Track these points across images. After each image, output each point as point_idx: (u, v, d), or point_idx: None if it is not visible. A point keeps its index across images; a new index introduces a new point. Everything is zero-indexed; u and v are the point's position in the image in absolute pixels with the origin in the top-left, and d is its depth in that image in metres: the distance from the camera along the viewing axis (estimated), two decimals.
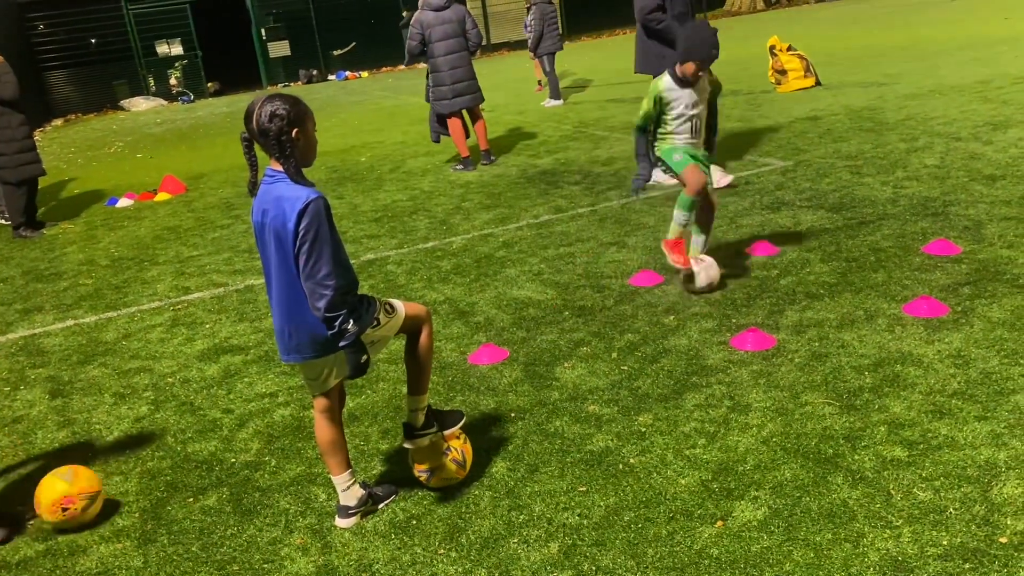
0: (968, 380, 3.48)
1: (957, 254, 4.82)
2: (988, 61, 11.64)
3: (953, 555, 2.52)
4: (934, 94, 9.75)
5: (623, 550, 2.75)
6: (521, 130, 11.42)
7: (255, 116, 2.75)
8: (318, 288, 2.73)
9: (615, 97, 13.53)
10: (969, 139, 7.40)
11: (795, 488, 2.93)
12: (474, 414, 3.77)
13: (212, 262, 6.84)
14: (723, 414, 3.48)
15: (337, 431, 3.07)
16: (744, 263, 5.16)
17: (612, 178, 7.85)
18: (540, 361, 4.22)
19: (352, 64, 26.46)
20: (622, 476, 3.15)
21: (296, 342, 2.89)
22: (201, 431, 3.98)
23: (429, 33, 8.73)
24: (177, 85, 24.29)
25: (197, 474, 3.60)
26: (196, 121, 18.47)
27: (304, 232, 2.71)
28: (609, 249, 5.80)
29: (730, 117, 10.12)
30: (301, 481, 3.43)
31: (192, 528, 3.20)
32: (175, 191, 9.98)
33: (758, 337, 4.05)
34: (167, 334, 5.32)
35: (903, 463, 2.99)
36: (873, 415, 3.32)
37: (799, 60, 11.58)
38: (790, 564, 2.58)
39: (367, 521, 3.09)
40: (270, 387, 4.36)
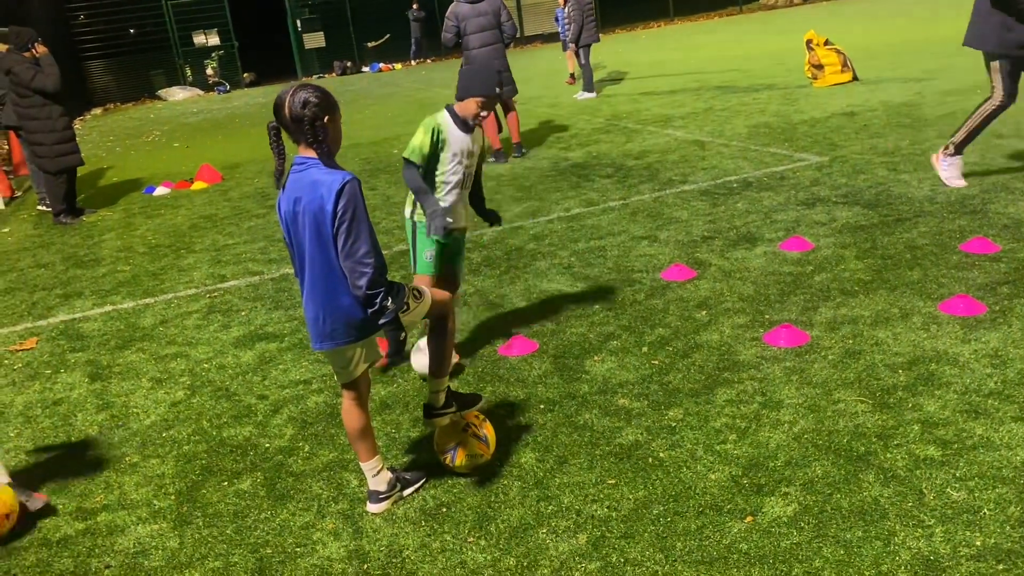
0: (1005, 380, 3.43)
1: (996, 252, 4.74)
2: None
3: (987, 556, 2.49)
4: (975, 90, 9.56)
5: (651, 543, 2.75)
6: (553, 123, 11.40)
7: (287, 104, 2.80)
8: (358, 266, 2.78)
9: (648, 90, 13.46)
10: (1011, 136, 7.26)
11: (826, 485, 2.92)
12: (503, 405, 3.79)
13: (248, 250, 6.92)
14: (754, 410, 3.47)
15: (365, 418, 3.12)
16: (778, 259, 5.12)
17: (644, 172, 7.83)
18: (570, 354, 4.23)
19: (386, 56, 26.57)
20: (651, 470, 3.15)
21: (331, 328, 2.93)
22: (236, 416, 4.05)
23: (464, 25, 8.74)
24: (214, 75, 24.57)
25: (232, 458, 3.66)
26: (232, 111, 18.68)
27: (343, 212, 2.76)
28: (640, 243, 5.79)
29: (765, 112, 10.03)
30: (333, 467, 3.48)
31: (226, 511, 3.26)
32: (211, 180, 10.12)
33: (791, 333, 4.03)
34: (203, 321, 5.41)
35: (936, 462, 2.96)
36: (907, 414, 3.29)
37: (836, 55, 11.43)
38: (820, 561, 2.57)
39: (398, 508, 3.13)
40: (304, 374, 4.41)
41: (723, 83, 13.01)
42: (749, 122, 9.50)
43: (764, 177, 7.04)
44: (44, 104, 8.42)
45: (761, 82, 12.53)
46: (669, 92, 12.89)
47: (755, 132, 8.91)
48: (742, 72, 13.92)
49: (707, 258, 5.31)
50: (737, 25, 25.85)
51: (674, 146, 8.79)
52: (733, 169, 7.45)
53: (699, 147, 8.57)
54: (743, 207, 6.28)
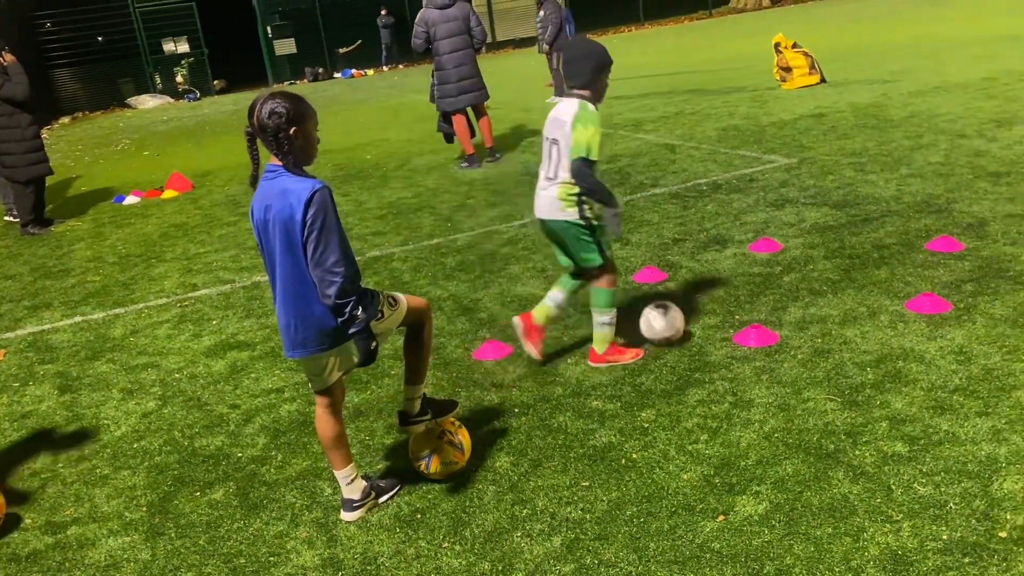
0: (970, 376, 3.49)
1: (960, 251, 4.83)
2: (993, 57, 11.62)
3: (953, 549, 2.54)
4: (939, 91, 9.74)
5: (625, 544, 2.77)
6: (526, 127, 11.43)
7: (256, 112, 2.80)
8: (327, 275, 2.77)
9: (619, 94, 13.52)
10: (974, 136, 7.40)
11: (796, 483, 2.95)
12: (478, 410, 3.80)
13: (219, 259, 6.88)
14: (725, 410, 3.50)
15: (339, 426, 3.11)
16: (748, 260, 5.17)
17: (616, 175, 7.87)
18: (544, 357, 4.24)
19: (357, 62, 26.50)
20: (625, 471, 3.18)
21: (302, 336, 2.92)
22: (208, 426, 4.02)
23: (434, 31, 8.75)
24: (183, 83, 24.37)
25: (204, 468, 3.63)
26: (202, 119, 18.54)
27: (312, 221, 2.75)
28: (612, 246, 5.80)
29: (735, 115, 10.13)
30: (307, 476, 3.47)
31: (199, 522, 3.24)
32: (182, 188, 10.04)
33: (761, 333, 4.07)
34: (174, 330, 5.36)
35: (904, 458, 3.01)
36: (875, 411, 3.33)
37: (804, 57, 11.57)
38: (791, 558, 2.60)
39: (372, 515, 3.12)
40: (276, 383, 4.39)
41: (693, 86, 13.12)
42: (719, 125, 9.59)
43: (734, 179, 7.11)
44: (13, 113, 8.31)
45: (730, 85, 12.65)
46: (640, 96, 12.97)
47: (725, 135, 9.00)
48: (712, 75, 14.05)
49: (678, 260, 5.35)
50: (707, 28, 26.07)
51: (645, 149, 8.85)
52: (703, 172, 7.52)
53: (670, 150, 8.64)
54: (713, 209, 6.34)
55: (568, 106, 3.83)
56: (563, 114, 3.84)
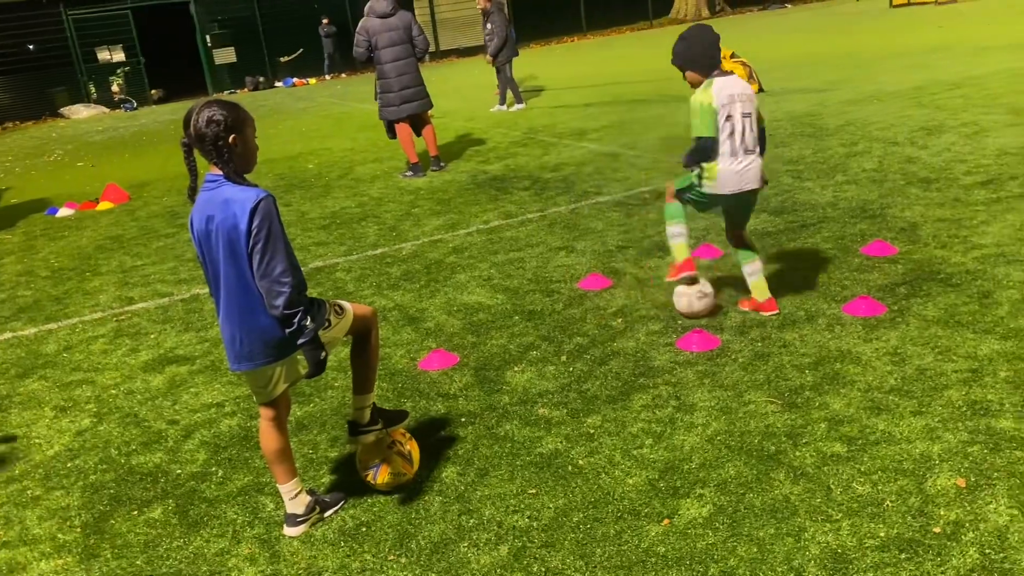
0: (904, 377, 3.58)
1: (894, 255, 4.96)
2: (923, 68, 12.01)
3: (890, 546, 2.60)
4: (872, 100, 10.02)
5: (572, 550, 2.77)
6: (470, 136, 11.44)
7: (193, 121, 2.74)
8: (275, 286, 2.72)
9: (564, 103, 13.64)
10: (905, 144, 7.63)
11: (739, 485, 2.99)
12: (424, 420, 3.77)
13: (157, 272, 6.72)
14: (669, 414, 3.54)
15: (283, 439, 3.05)
16: None
17: (561, 184, 7.92)
18: (490, 366, 4.24)
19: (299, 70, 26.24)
20: (571, 477, 3.18)
21: (248, 349, 2.87)
22: (146, 443, 3.91)
23: (375, 40, 8.71)
24: (119, 92, 23.83)
25: (142, 486, 3.54)
26: (139, 129, 18.14)
27: (257, 231, 2.70)
28: (558, 254, 5.85)
29: (676, 123, 10.28)
30: (249, 491, 3.39)
31: (136, 541, 3.15)
32: (118, 200, 9.79)
33: (703, 338, 4.13)
34: (110, 345, 5.22)
35: (842, 458, 3.07)
36: (814, 412, 3.40)
37: (742, 67, 11.75)
38: (734, 559, 2.63)
39: (316, 529, 3.07)
40: (217, 397, 4.30)
41: (635, 96, 13.29)
42: (660, 133, 9.72)
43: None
44: None
45: (671, 94, 12.83)
46: (583, 105, 13.09)
47: (666, 143, 9.12)
48: (653, 85, 14.24)
49: (622, 267, 5.40)
50: (648, 39, 26.45)
51: (589, 158, 8.93)
52: (646, 180, 7.61)
53: (613, 159, 8.73)
54: (656, 217, 6.40)
55: (738, 81, 4.12)
56: (745, 88, 4.11)
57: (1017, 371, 3.50)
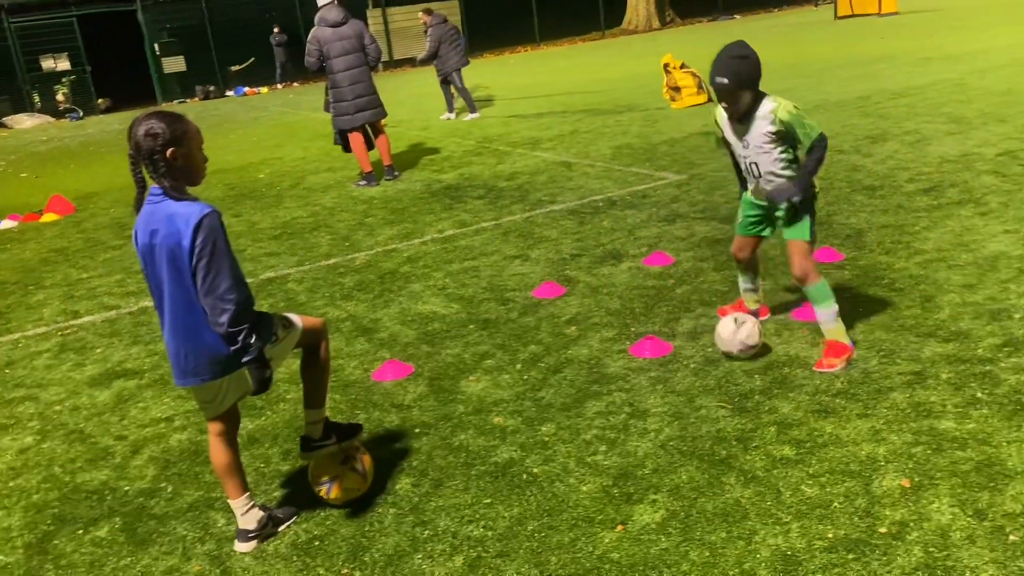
0: (850, 380, 3.66)
1: (840, 261, 5.07)
2: (867, 78, 12.31)
3: (838, 547, 2.65)
4: (819, 109, 10.24)
5: (527, 559, 2.78)
6: (424, 145, 11.43)
7: (133, 133, 2.70)
8: (219, 303, 2.68)
9: (517, 113, 13.69)
10: (850, 152, 7.80)
11: (691, 490, 3.02)
12: (378, 431, 3.75)
13: (103, 284, 6.58)
14: (623, 420, 3.56)
15: (233, 454, 3.01)
16: (642, 273, 5.30)
17: (515, 193, 7.94)
18: (445, 375, 4.23)
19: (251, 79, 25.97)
20: (526, 486, 3.18)
21: (193, 365, 2.82)
22: (92, 460, 3.82)
23: (327, 49, 8.66)
24: (65, 101, 23.32)
25: (87, 505, 3.45)
26: (86, 139, 17.77)
27: (201, 247, 2.66)
28: (513, 262, 5.86)
29: (628, 133, 10.39)
30: (199, 507, 3.34)
31: (82, 561, 3.07)
32: (63, 211, 9.58)
33: (655, 344, 4.17)
34: (55, 360, 5.09)
35: (791, 461, 3.12)
36: (763, 416, 3.45)
37: (692, 77, 11.98)
38: (687, 564, 2.66)
39: (268, 544, 3.03)
40: (166, 411, 4.22)
41: (588, 106, 13.40)
42: (613, 143, 9.82)
43: (628, 196, 7.28)
44: None
45: (623, 104, 12.98)
46: (537, 115, 13.16)
47: (618, 152, 9.21)
48: (605, 95, 14.38)
49: (576, 275, 5.43)
50: (600, 49, 26.72)
51: (543, 167, 8.97)
52: (598, 189, 7.67)
53: (566, 168, 8.78)
54: (608, 225, 6.47)
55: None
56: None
57: (958, 373, 3.60)
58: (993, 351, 3.74)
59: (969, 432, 3.16)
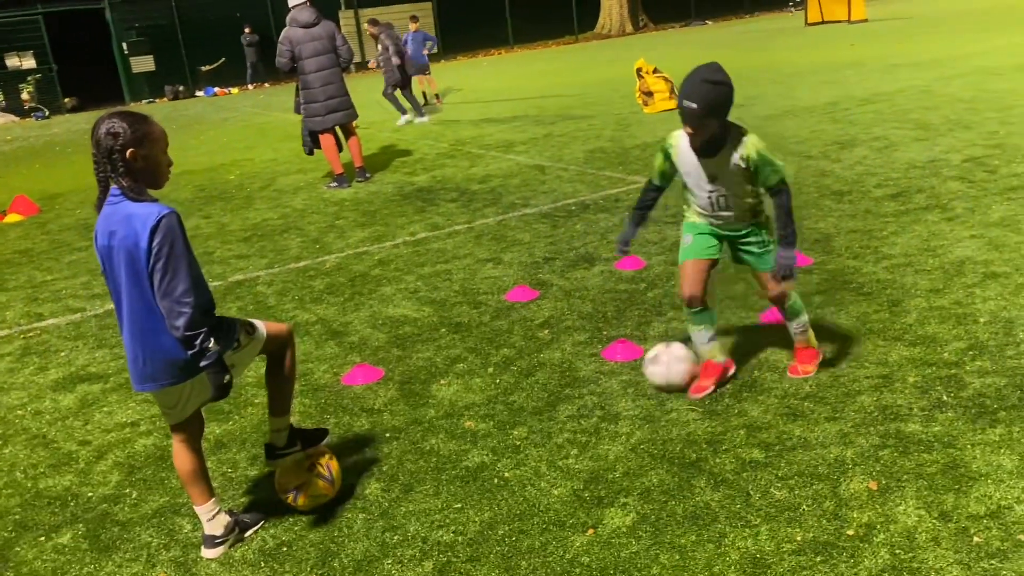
0: (819, 383, 3.69)
1: (809, 265, 5.12)
2: (836, 84, 12.46)
3: (806, 549, 2.66)
4: (788, 115, 10.34)
5: (497, 564, 2.76)
6: (396, 147, 11.38)
7: (95, 132, 2.67)
8: (176, 306, 2.63)
9: (491, 115, 13.69)
10: (819, 157, 7.89)
11: (661, 493, 3.03)
12: (348, 436, 3.71)
13: (68, 286, 6.47)
14: (594, 424, 3.56)
15: (198, 459, 2.96)
16: (615, 277, 5.31)
17: (488, 195, 7.93)
18: (416, 379, 4.20)
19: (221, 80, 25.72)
20: (497, 490, 3.17)
21: (151, 369, 2.77)
22: (54, 465, 3.75)
23: (299, 50, 8.60)
24: (30, 100, 22.95)
25: (50, 511, 3.38)
26: (52, 138, 17.49)
27: (158, 249, 2.61)
28: (485, 266, 5.85)
29: (600, 137, 10.42)
30: (165, 512, 3.28)
31: (44, 569, 3.01)
32: (27, 212, 9.41)
33: (627, 348, 4.17)
34: (17, 364, 4.99)
35: (760, 464, 3.14)
36: (733, 419, 3.47)
37: (664, 82, 12.05)
38: (657, 567, 2.66)
39: (235, 550, 2.99)
40: (131, 416, 4.15)
41: (561, 109, 13.43)
42: (586, 147, 9.84)
43: (600, 199, 7.30)
44: None
45: (596, 108, 13.03)
46: (510, 118, 13.16)
47: (591, 156, 9.24)
48: (578, 99, 14.43)
49: (549, 278, 5.43)
50: (573, 53, 26.80)
51: (516, 170, 8.97)
52: (571, 192, 7.68)
53: (540, 171, 8.79)
54: (581, 228, 6.48)
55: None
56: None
57: (924, 376, 3.64)
58: (959, 355, 3.79)
59: (935, 435, 3.20)
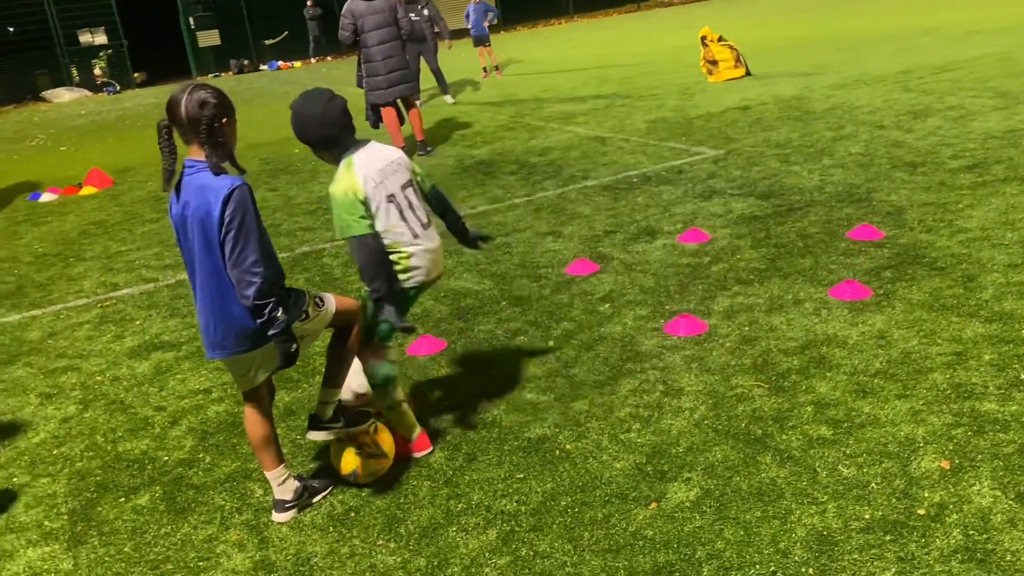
0: (889, 360, 3.61)
1: (880, 239, 4.98)
2: (909, 52, 12.03)
3: (875, 528, 2.62)
4: (859, 83, 10.03)
5: (560, 534, 2.78)
6: (457, 120, 11.39)
7: (183, 104, 2.70)
8: (246, 276, 2.69)
9: (550, 87, 13.59)
10: (892, 127, 7.64)
11: (726, 468, 3.01)
12: (412, 406, 3.76)
13: (141, 257, 6.67)
14: (656, 398, 3.55)
15: (268, 426, 3.04)
16: (677, 251, 5.25)
17: (548, 168, 7.90)
18: (478, 351, 4.23)
19: (285, 54, 26.02)
20: (559, 462, 3.19)
21: (221, 337, 2.84)
22: (132, 430, 3.90)
23: (361, 23, 8.63)
24: (102, 75, 23.55)
25: (128, 473, 3.52)
26: (123, 112, 17.96)
27: (230, 219, 2.67)
28: (545, 239, 5.84)
29: (663, 107, 10.27)
30: (236, 477, 3.39)
31: (124, 528, 3.14)
32: (101, 185, 9.71)
33: (690, 323, 4.14)
34: (95, 332, 5.18)
35: (828, 441, 3.09)
36: (800, 396, 3.42)
37: (729, 51, 11.79)
38: (721, 542, 2.65)
39: (305, 515, 3.07)
40: (203, 383, 4.28)
41: (622, 79, 13.25)
42: (648, 117, 9.71)
43: (663, 171, 7.21)
44: None
45: (659, 78, 12.82)
46: (570, 89, 13.04)
47: (653, 127, 9.11)
48: (641, 68, 14.21)
49: (609, 252, 5.40)
50: (635, 22, 26.37)
51: (576, 142, 8.91)
52: (633, 164, 7.60)
53: (600, 143, 8.71)
54: (643, 201, 6.41)
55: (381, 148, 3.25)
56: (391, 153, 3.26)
57: (1001, 354, 3.53)
58: None
59: (1012, 414, 3.10)
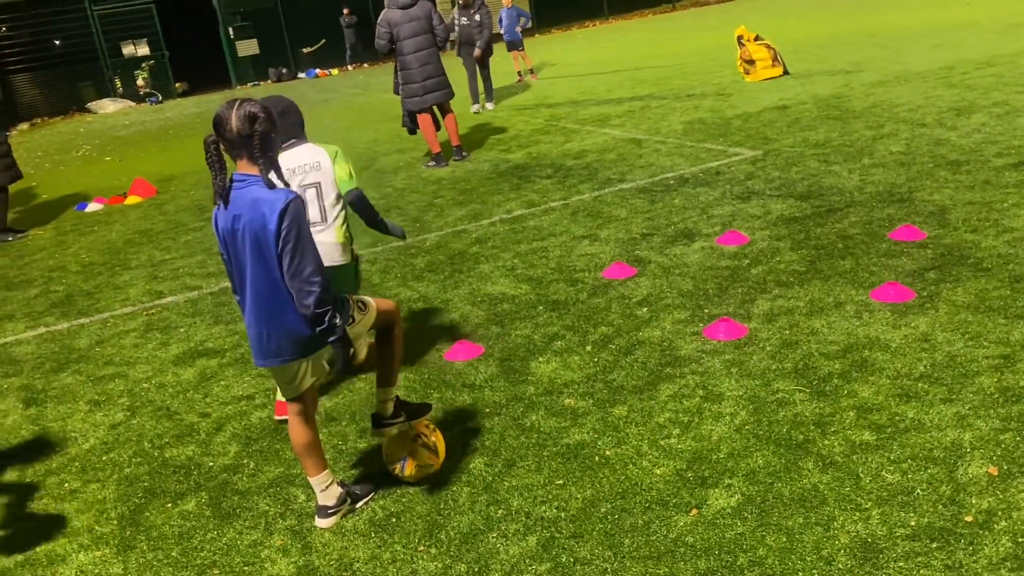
0: (934, 363, 3.55)
1: (922, 239, 4.90)
2: (951, 47, 11.81)
3: (921, 535, 2.58)
4: (899, 81, 9.88)
5: (600, 541, 2.79)
6: (492, 125, 11.42)
7: (233, 120, 2.74)
8: (305, 286, 2.76)
9: (586, 89, 13.57)
10: (934, 125, 7.51)
11: (767, 475, 2.98)
12: (450, 411, 3.80)
13: (185, 265, 6.80)
14: (696, 404, 3.53)
15: (312, 432, 3.09)
16: (716, 253, 5.22)
17: (584, 171, 7.89)
18: (515, 356, 4.25)
19: (322, 61, 26.31)
20: (598, 468, 3.19)
21: (275, 346, 2.90)
22: (178, 436, 3.98)
23: (397, 31, 8.70)
24: (144, 86, 24.02)
25: (175, 479, 3.60)
26: (165, 122, 18.30)
27: (287, 232, 2.73)
28: (582, 243, 5.84)
29: (700, 108, 10.20)
30: (280, 483, 3.44)
31: (171, 533, 3.21)
32: (146, 194, 9.90)
33: (730, 327, 4.11)
34: (141, 339, 5.29)
35: (872, 447, 3.05)
36: (842, 400, 3.38)
37: (767, 49, 11.67)
38: (763, 549, 2.63)
39: (347, 521, 3.11)
40: (247, 389, 4.36)
41: (658, 80, 13.19)
42: (684, 119, 9.65)
43: (700, 173, 7.16)
44: None
45: (695, 78, 12.73)
46: (606, 91, 13.01)
47: (690, 128, 9.06)
48: (676, 69, 14.13)
49: (647, 255, 5.38)
50: (670, 22, 26.21)
51: (612, 145, 8.89)
52: (670, 166, 7.56)
53: (636, 145, 8.68)
54: (680, 203, 6.38)
55: (303, 151, 3.82)
56: (309, 157, 3.82)
57: None
58: None
59: None
